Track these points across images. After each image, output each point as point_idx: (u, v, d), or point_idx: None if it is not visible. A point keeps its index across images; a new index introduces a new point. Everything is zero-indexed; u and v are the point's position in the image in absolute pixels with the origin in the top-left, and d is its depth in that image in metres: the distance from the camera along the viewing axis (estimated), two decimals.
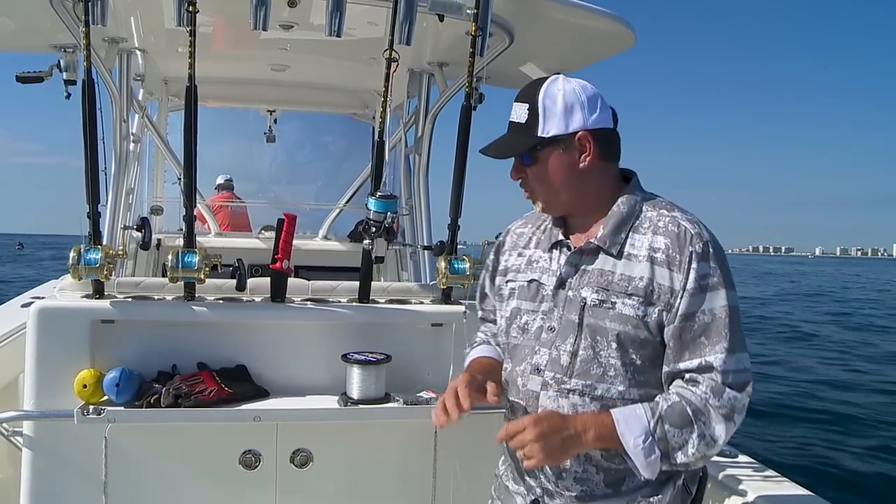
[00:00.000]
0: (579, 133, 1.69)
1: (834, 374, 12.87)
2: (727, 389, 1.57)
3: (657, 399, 1.62)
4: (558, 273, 1.75)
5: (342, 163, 5.68)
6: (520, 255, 1.89)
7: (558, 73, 3.89)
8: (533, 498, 1.77)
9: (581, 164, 1.71)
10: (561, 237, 1.80)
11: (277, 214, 2.63)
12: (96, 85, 3.64)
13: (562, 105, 1.70)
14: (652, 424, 1.58)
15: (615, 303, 1.64)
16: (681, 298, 1.59)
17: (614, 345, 1.64)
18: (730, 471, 2.82)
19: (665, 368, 1.65)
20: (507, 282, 1.88)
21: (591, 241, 1.70)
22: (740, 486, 2.67)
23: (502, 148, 1.76)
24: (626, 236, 1.68)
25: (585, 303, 1.67)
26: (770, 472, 2.88)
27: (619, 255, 1.67)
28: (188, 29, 2.31)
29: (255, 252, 4.07)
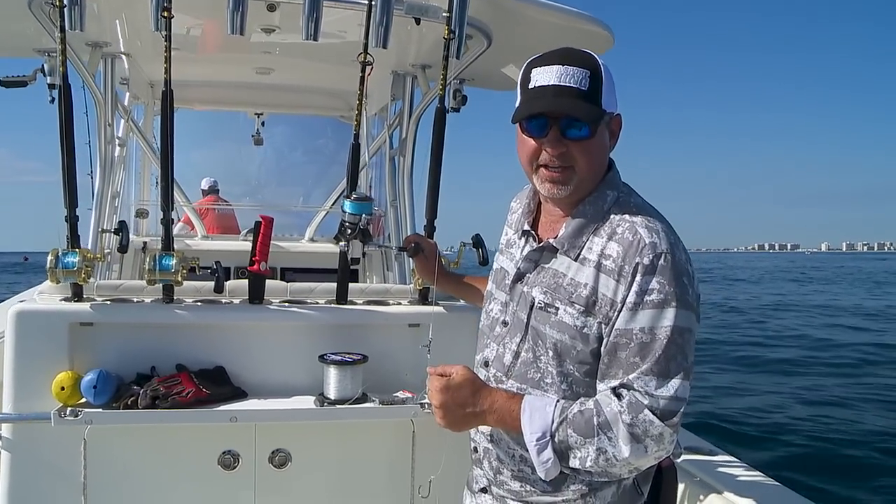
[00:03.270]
0: (617, 114, 1.63)
1: None
2: (646, 411, 1.46)
3: (578, 401, 1.55)
4: (519, 266, 1.72)
5: (330, 165, 5.71)
6: (506, 233, 1.89)
7: None
8: (482, 486, 1.80)
9: (609, 148, 1.65)
10: (527, 227, 1.76)
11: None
12: (83, 90, 3.68)
13: (612, 81, 1.59)
14: (555, 425, 1.52)
15: (558, 309, 1.58)
16: (619, 312, 1.50)
17: (551, 353, 1.60)
18: (709, 469, 2.84)
19: (598, 384, 1.57)
20: (494, 260, 1.89)
21: (551, 241, 1.65)
22: (720, 485, 2.68)
23: (572, 107, 1.55)
24: (587, 239, 1.60)
25: (534, 303, 1.63)
26: (753, 472, 2.90)
27: (577, 259, 1.60)
28: (164, 34, 2.33)
29: (243, 254, 4.10)
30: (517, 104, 1.63)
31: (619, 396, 1.50)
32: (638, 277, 1.49)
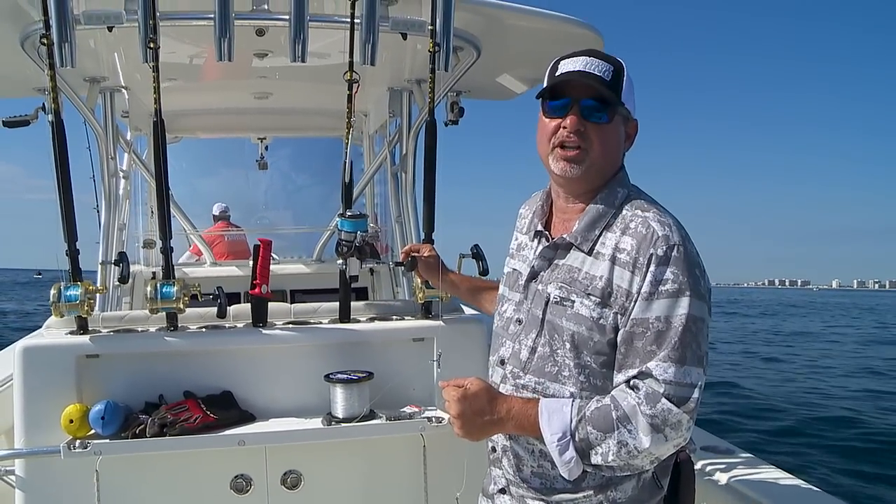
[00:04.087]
0: (634, 119, 1.72)
1: None
2: (663, 400, 1.48)
3: (594, 399, 1.57)
4: (533, 265, 1.75)
5: (337, 185, 5.72)
6: (516, 238, 1.92)
7: (534, 81, 3.91)
8: (501, 486, 1.79)
9: (624, 148, 1.73)
10: (541, 227, 1.79)
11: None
12: (84, 125, 3.72)
13: (632, 87, 1.70)
14: (573, 424, 1.54)
15: (574, 301, 1.62)
16: (634, 302, 1.54)
17: (568, 345, 1.62)
18: (727, 466, 2.81)
19: (615, 374, 1.58)
20: (505, 265, 1.92)
21: (565, 236, 1.69)
22: (737, 481, 2.65)
23: (593, 84, 1.62)
24: (600, 234, 1.65)
25: (549, 298, 1.66)
26: (770, 468, 2.86)
27: (590, 253, 1.64)
28: (151, 64, 2.36)
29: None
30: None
31: (635, 388, 1.52)
32: (652, 268, 1.52)
